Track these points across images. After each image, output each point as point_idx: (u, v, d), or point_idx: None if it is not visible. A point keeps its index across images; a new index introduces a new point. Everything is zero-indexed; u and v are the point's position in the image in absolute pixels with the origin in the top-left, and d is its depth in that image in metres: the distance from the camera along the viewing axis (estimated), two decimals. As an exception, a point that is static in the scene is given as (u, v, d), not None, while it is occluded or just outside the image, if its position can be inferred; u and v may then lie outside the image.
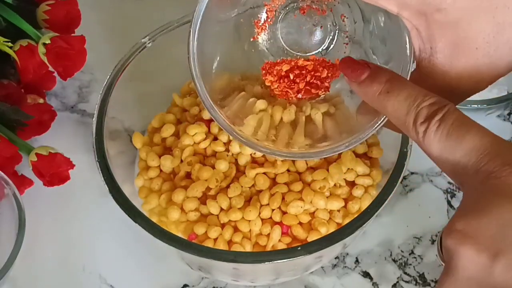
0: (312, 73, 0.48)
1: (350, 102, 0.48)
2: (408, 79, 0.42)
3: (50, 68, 0.63)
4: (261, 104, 0.50)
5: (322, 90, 0.49)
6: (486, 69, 0.40)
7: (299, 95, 0.49)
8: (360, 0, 0.44)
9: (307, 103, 0.50)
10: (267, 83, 0.49)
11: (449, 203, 0.62)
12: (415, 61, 0.42)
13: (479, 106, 0.62)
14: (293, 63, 0.48)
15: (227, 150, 0.55)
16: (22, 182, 0.60)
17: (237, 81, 0.50)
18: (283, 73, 0.48)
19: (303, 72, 0.48)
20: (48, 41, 0.60)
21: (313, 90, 0.49)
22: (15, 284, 0.58)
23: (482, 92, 0.65)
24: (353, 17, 0.47)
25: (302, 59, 0.48)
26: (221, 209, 0.54)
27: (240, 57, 0.49)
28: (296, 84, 0.49)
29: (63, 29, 0.64)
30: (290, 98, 0.50)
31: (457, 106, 0.61)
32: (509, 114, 0.68)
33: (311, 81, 0.48)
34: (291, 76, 0.48)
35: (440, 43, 0.39)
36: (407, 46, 0.41)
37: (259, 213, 0.53)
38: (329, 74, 0.48)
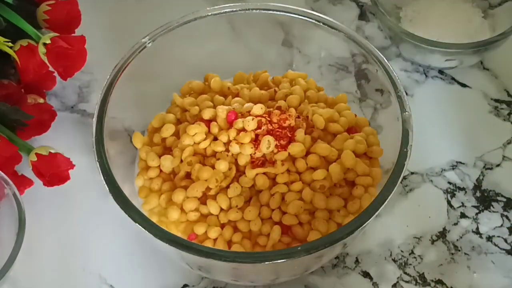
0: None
1: None
2: None
3: (50, 68, 0.63)
4: None
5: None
6: None
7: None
8: None
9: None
10: None
11: (449, 203, 0.62)
12: None
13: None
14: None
15: (227, 150, 0.55)
16: (22, 182, 0.60)
17: None
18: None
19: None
20: (48, 41, 0.60)
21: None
22: (15, 284, 0.58)
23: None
24: None
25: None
26: (221, 209, 0.54)
27: None
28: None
29: (63, 29, 0.64)
30: None
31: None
32: (509, 114, 0.67)
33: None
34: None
35: None
36: None
37: (259, 213, 0.53)
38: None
